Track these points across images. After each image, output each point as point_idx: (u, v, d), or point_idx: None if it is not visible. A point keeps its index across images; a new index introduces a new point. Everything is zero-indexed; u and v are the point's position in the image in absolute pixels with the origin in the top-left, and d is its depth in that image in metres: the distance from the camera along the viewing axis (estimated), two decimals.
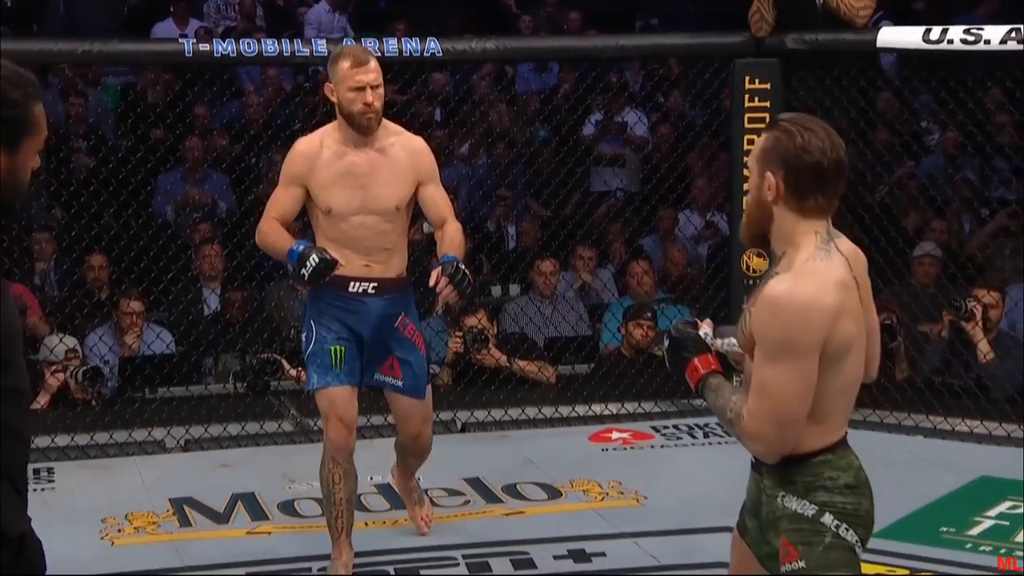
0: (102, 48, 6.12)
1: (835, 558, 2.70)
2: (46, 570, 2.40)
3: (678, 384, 6.52)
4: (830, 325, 2.59)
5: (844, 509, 2.71)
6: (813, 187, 2.63)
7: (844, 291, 2.63)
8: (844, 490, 2.71)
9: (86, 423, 5.96)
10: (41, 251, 7.43)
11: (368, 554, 4.55)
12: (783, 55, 6.30)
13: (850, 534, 2.71)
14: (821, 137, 2.64)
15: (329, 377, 4.22)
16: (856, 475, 2.75)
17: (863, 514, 2.74)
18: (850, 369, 2.68)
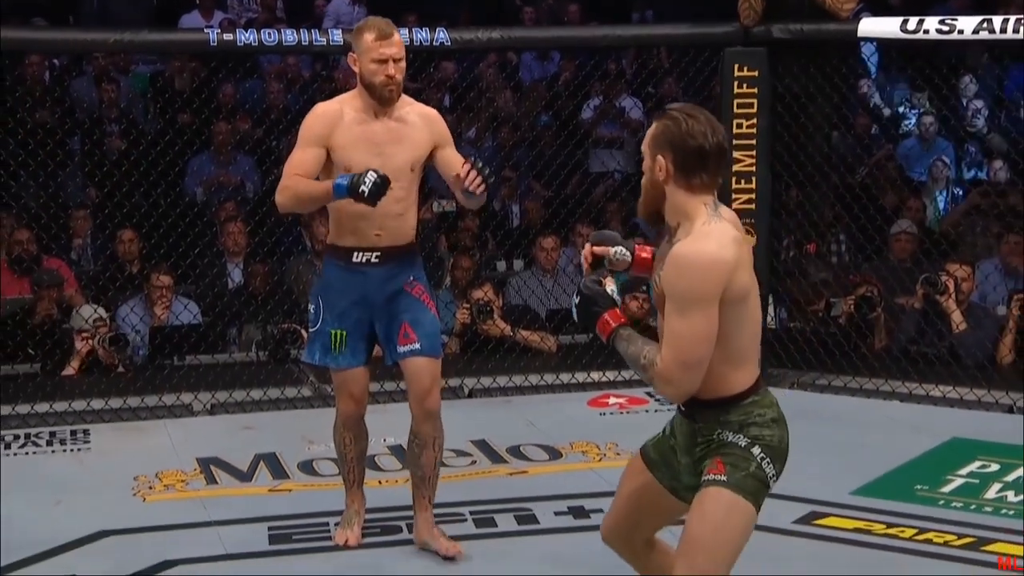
0: (133, 38, 6.11)
1: (750, 486, 2.86)
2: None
3: None
4: (729, 276, 2.76)
5: (771, 443, 2.87)
6: (698, 167, 2.80)
7: (739, 246, 2.80)
8: (771, 424, 2.88)
9: (119, 388, 5.96)
10: (78, 227, 7.42)
11: (381, 510, 4.55)
12: (770, 44, 6.28)
13: (769, 468, 2.87)
14: (703, 123, 2.81)
15: (328, 359, 4.11)
16: (778, 410, 2.91)
17: (784, 448, 2.90)
18: (753, 314, 2.86)
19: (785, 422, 2.91)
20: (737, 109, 6.29)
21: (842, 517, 4.48)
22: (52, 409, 5.77)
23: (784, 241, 6.82)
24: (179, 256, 6.68)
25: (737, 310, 2.80)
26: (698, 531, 2.88)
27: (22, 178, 7.37)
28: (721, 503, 2.86)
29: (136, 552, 4.20)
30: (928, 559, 4.13)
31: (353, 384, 4.14)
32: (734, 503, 2.85)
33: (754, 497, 2.87)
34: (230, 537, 4.35)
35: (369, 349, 4.16)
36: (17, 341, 6.25)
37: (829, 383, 6.25)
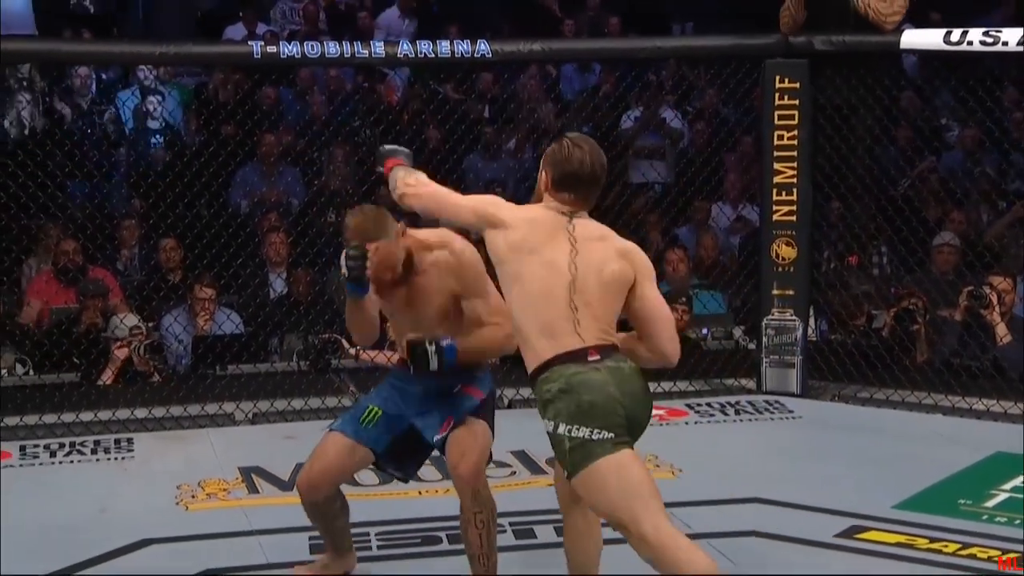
0: (178, 50, 6.15)
1: (578, 457, 3.14)
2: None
3: (711, 365, 6.53)
4: (500, 252, 3.28)
5: (568, 411, 3.15)
6: (567, 187, 3.31)
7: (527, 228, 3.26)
8: (558, 395, 3.16)
9: (163, 397, 6.02)
10: (125, 237, 7.47)
11: (421, 520, 4.56)
12: (811, 55, 6.25)
13: (581, 431, 3.14)
14: (584, 152, 3.32)
15: (347, 426, 3.83)
16: (568, 380, 3.17)
17: (585, 408, 3.14)
18: (529, 297, 3.23)
19: (587, 387, 3.15)
20: (778, 121, 6.27)
21: (884, 531, 4.43)
22: (97, 418, 5.82)
23: (825, 253, 6.79)
24: (222, 267, 6.73)
25: (507, 248, 3.26)
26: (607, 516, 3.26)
27: (69, 188, 7.45)
28: (583, 489, 3.20)
29: (179, 560, 4.22)
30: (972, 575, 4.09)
31: (330, 457, 3.80)
32: (586, 481, 3.16)
33: (591, 459, 3.13)
34: (272, 546, 4.36)
35: (388, 449, 3.85)
36: (63, 350, 6.31)
37: (871, 396, 6.21)
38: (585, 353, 3.20)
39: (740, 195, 8.21)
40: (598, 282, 3.26)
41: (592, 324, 3.24)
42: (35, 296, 6.92)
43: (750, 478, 4.98)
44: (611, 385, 3.18)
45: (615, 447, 3.14)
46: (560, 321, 3.22)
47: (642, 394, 3.27)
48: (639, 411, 3.25)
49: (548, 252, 3.25)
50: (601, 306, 3.26)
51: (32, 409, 5.82)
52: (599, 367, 3.20)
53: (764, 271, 6.37)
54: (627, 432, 3.20)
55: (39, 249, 7.26)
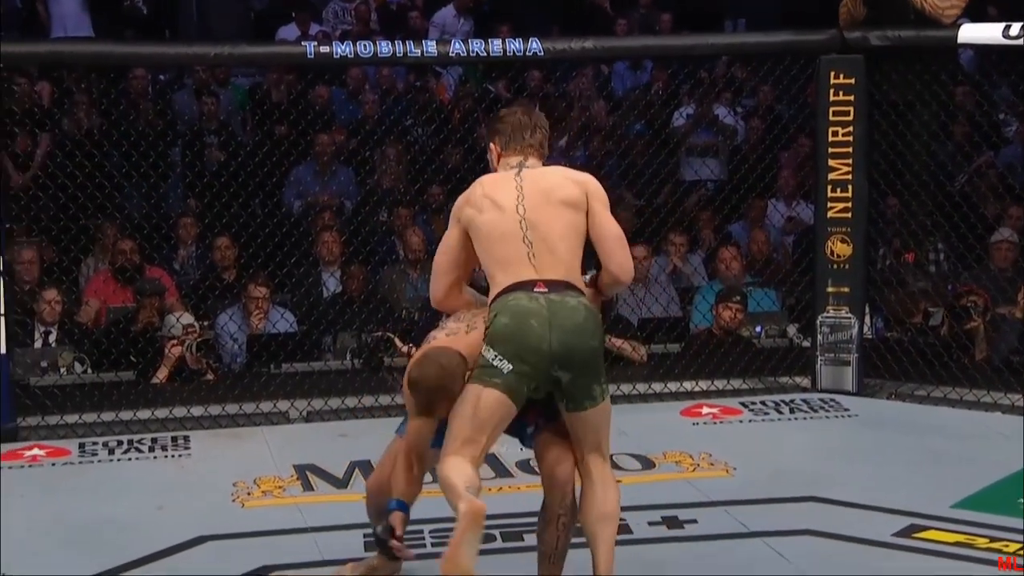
0: (232, 51, 6.19)
1: (476, 373, 3.45)
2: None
3: (765, 363, 6.49)
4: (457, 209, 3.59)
5: (490, 332, 3.43)
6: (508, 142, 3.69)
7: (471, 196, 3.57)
8: (493, 318, 3.44)
9: (218, 395, 6.06)
10: (183, 235, 7.54)
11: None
12: (867, 51, 6.19)
13: (489, 352, 3.41)
14: (510, 109, 3.79)
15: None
16: (503, 305, 3.43)
17: (499, 330, 3.41)
18: (488, 245, 3.50)
19: (509, 309, 3.40)
20: (833, 117, 6.22)
21: (943, 531, 4.39)
22: (154, 416, 5.88)
23: (881, 250, 6.73)
24: (276, 266, 6.77)
25: (477, 221, 3.51)
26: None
27: (126, 189, 7.53)
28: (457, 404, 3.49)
29: (235, 557, 4.25)
30: None
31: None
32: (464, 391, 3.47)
33: (475, 378, 3.44)
34: (327, 543, 4.38)
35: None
36: (120, 349, 6.38)
37: (928, 394, 6.14)
38: (533, 284, 3.44)
39: (794, 192, 8.15)
40: (550, 214, 3.51)
41: (547, 259, 3.47)
42: (93, 295, 7.01)
43: (805, 477, 4.94)
44: (538, 317, 3.40)
45: (492, 382, 3.40)
46: (515, 256, 3.47)
47: (579, 326, 3.43)
48: (571, 342, 3.42)
49: (499, 200, 3.53)
50: (558, 240, 3.49)
51: (90, 407, 5.89)
52: (539, 297, 3.42)
53: (819, 268, 6.32)
54: (541, 364, 3.40)
55: (97, 249, 7.34)
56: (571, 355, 3.42)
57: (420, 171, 7.75)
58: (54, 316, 6.51)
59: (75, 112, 8.01)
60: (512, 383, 3.42)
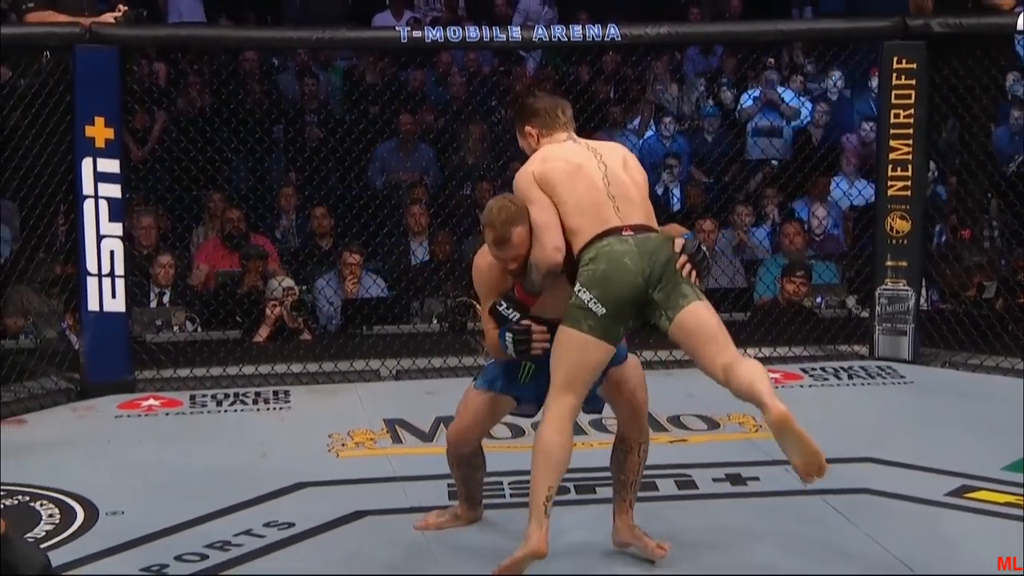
0: (333, 35, 6.24)
1: (570, 314, 3.44)
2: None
3: (825, 332, 6.41)
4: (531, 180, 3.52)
5: (586, 275, 3.42)
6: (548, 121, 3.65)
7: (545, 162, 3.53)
8: (588, 262, 3.43)
9: (315, 354, 6.13)
10: (284, 204, 7.62)
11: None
12: (928, 37, 6.07)
13: (585, 294, 3.41)
14: (533, 94, 3.80)
15: (510, 386, 3.75)
16: (598, 251, 3.42)
17: (599, 275, 3.40)
18: (567, 196, 3.47)
19: (604, 256, 3.40)
20: (895, 100, 6.11)
21: (993, 491, 4.32)
22: (258, 371, 5.96)
23: (938, 227, 6.61)
24: (369, 235, 6.82)
25: (560, 189, 3.46)
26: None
27: (233, 163, 7.62)
28: (555, 343, 3.48)
29: (331, 502, 4.31)
30: None
31: (487, 417, 3.83)
32: (560, 332, 3.46)
33: (571, 320, 3.43)
34: (414, 492, 4.42)
35: (536, 400, 3.74)
36: (227, 309, 6.48)
37: (981, 363, 6.03)
38: (620, 230, 3.45)
39: (856, 171, 8.02)
40: (623, 173, 3.54)
41: (629, 209, 3.49)
42: (203, 260, 7.11)
43: (862, 439, 4.89)
44: (630, 256, 3.40)
45: (592, 330, 3.40)
46: (603, 209, 3.47)
47: (660, 244, 3.46)
48: (656, 256, 3.42)
49: (578, 160, 3.52)
50: (636, 195, 3.53)
51: (200, 362, 5.99)
52: (628, 239, 3.44)
53: (879, 243, 6.22)
54: (638, 296, 3.40)
55: (207, 218, 7.45)
56: (657, 267, 3.41)
57: (503, 149, 7.74)
58: (168, 279, 6.62)
59: (188, 91, 8.11)
60: (608, 325, 3.41)
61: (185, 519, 4.12)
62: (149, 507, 4.25)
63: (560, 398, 3.47)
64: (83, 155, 5.55)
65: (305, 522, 4.11)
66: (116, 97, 5.65)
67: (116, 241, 5.65)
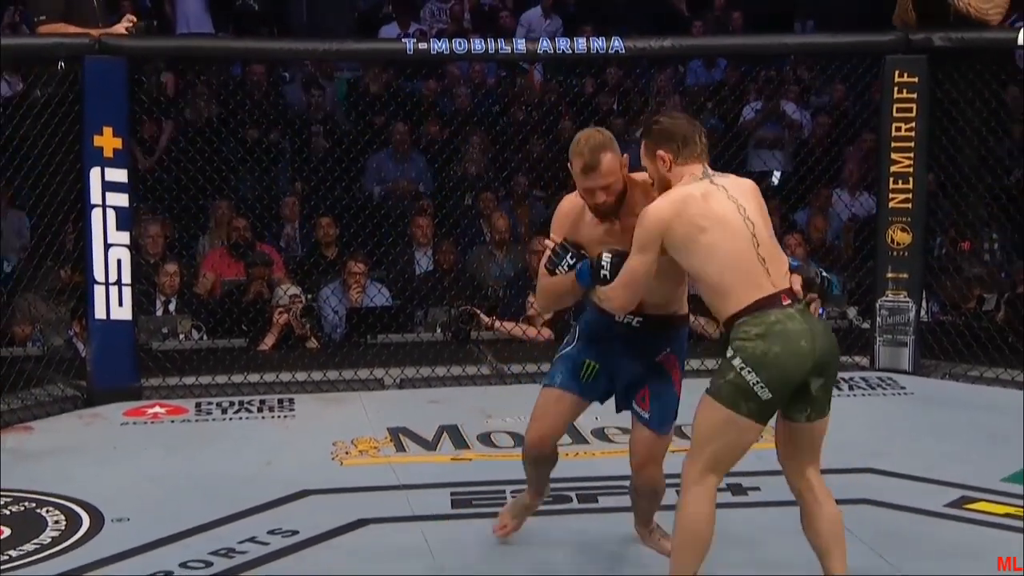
0: (340, 47, 6.26)
1: (726, 391, 3.15)
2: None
3: None
4: (662, 229, 3.20)
5: (753, 352, 3.11)
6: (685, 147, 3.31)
7: (681, 203, 3.20)
8: (754, 338, 3.12)
9: (320, 362, 6.13)
10: (288, 214, 7.62)
11: (553, 480, 4.57)
12: (930, 51, 6.07)
13: (751, 375, 3.12)
14: (669, 115, 3.40)
15: (572, 384, 3.64)
16: (768, 328, 3.13)
17: (771, 358, 3.11)
18: (717, 255, 3.17)
19: (782, 338, 3.11)
20: (896, 113, 6.11)
21: (992, 503, 4.31)
22: (263, 379, 5.95)
23: (938, 239, 6.60)
24: (373, 245, 6.82)
25: (697, 242, 3.17)
26: (694, 433, 3.27)
27: (240, 173, 7.63)
28: (700, 406, 3.22)
29: (334, 510, 4.30)
30: None
31: (558, 416, 3.69)
32: (707, 406, 3.19)
33: (730, 401, 3.14)
34: (417, 500, 4.42)
35: (601, 398, 3.73)
36: (233, 318, 6.48)
37: (981, 375, 6.02)
38: (779, 298, 3.18)
39: (858, 184, 8.02)
40: (764, 222, 3.26)
41: (776, 267, 3.22)
42: (209, 269, 7.11)
43: (863, 449, 4.88)
44: (806, 337, 3.13)
45: (752, 413, 3.14)
46: (752, 270, 3.18)
47: (830, 331, 3.24)
48: (830, 347, 3.20)
49: (722, 215, 3.20)
50: (777, 251, 3.26)
51: (206, 370, 5.98)
52: (794, 314, 3.16)
53: (880, 255, 6.22)
54: (801, 379, 3.15)
55: (213, 226, 7.45)
56: (829, 360, 3.19)
57: (507, 160, 7.75)
58: (174, 287, 6.62)
59: (196, 102, 8.11)
60: (769, 408, 3.18)
61: (190, 526, 4.12)
62: (154, 514, 4.25)
63: (705, 478, 3.23)
64: (91, 164, 5.56)
65: (309, 530, 4.11)
66: (124, 107, 5.66)
67: (123, 250, 5.65)
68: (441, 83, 8.76)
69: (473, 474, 4.72)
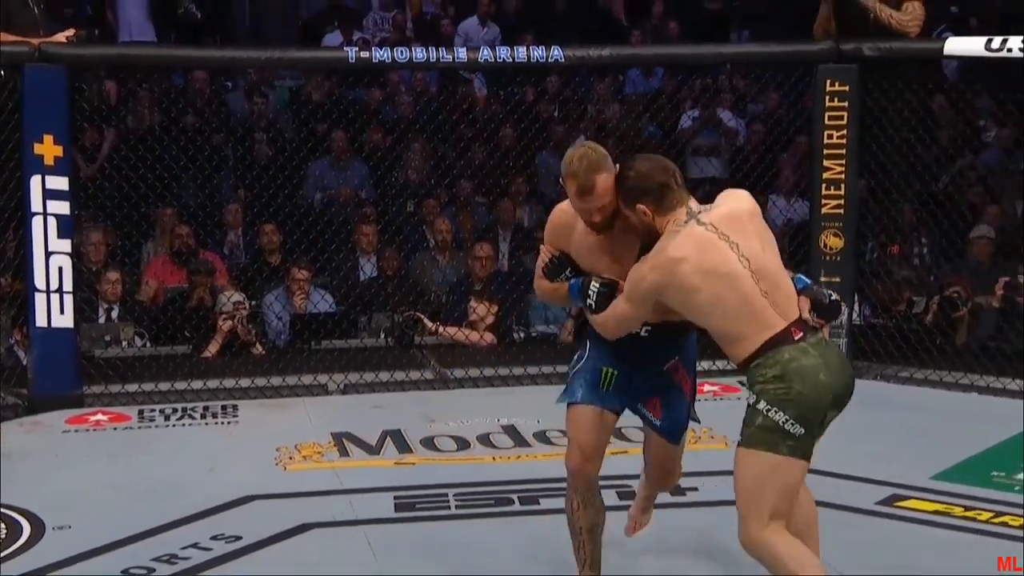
0: (282, 55, 6.23)
1: (760, 437, 3.05)
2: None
3: None
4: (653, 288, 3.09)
5: (776, 394, 3.03)
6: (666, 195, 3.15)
7: (676, 271, 3.05)
8: (772, 380, 3.04)
9: (264, 368, 6.09)
10: (231, 221, 7.55)
11: (495, 483, 4.58)
12: (860, 61, 6.15)
13: (779, 415, 3.03)
14: (643, 161, 3.21)
15: (593, 396, 3.45)
16: (784, 367, 3.04)
17: (793, 396, 3.03)
18: (724, 301, 3.05)
19: (800, 376, 3.03)
20: (828, 121, 6.18)
21: (922, 500, 4.38)
22: (206, 386, 5.90)
23: (869, 244, 6.69)
24: (317, 252, 6.78)
25: (695, 300, 3.06)
26: (736, 495, 3.11)
27: (182, 180, 7.56)
28: (739, 462, 3.10)
29: (278, 515, 4.27)
30: (1004, 541, 4.00)
31: (587, 433, 3.45)
32: (746, 458, 3.08)
33: (768, 445, 3.04)
34: (360, 504, 4.40)
35: (623, 404, 3.53)
36: (176, 325, 6.41)
37: (911, 375, 6.11)
38: (789, 333, 3.06)
39: (792, 190, 8.11)
40: (757, 245, 3.10)
41: (781, 296, 3.09)
42: (152, 276, 7.03)
43: None
44: (824, 371, 3.04)
45: (793, 450, 3.03)
46: (759, 311, 3.06)
47: (845, 361, 3.16)
48: (847, 381, 3.12)
49: (718, 267, 3.05)
50: (778, 276, 3.12)
51: (149, 377, 5.92)
52: (808, 349, 3.05)
53: (813, 259, 6.29)
54: (827, 411, 3.07)
55: (157, 234, 7.37)
56: (845, 393, 3.11)
57: (449, 167, 7.74)
58: (116, 294, 6.54)
59: (138, 109, 8.03)
60: (807, 444, 3.07)
61: (132, 533, 4.07)
62: (96, 521, 4.19)
63: (774, 529, 3.06)
64: (32, 172, 5.49)
65: (252, 535, 4.07)
66: (65, 115, 5.59)
67: (64, 257, 5.58)
68: (384, 91, 8.73)
69: (416, 478, 4.70)
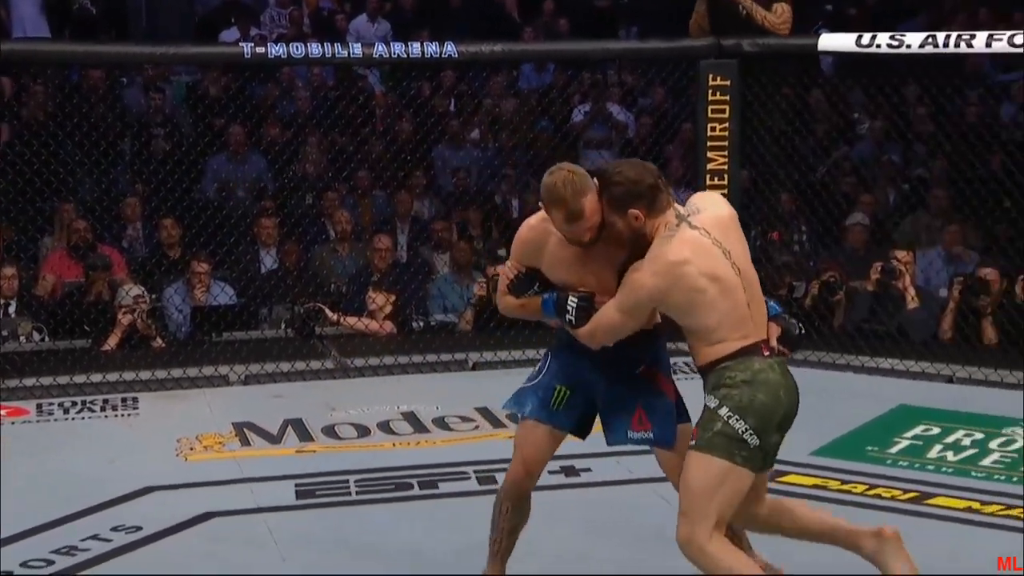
0: (178, 51, 6.13)
1: (718, 442, 2.96)
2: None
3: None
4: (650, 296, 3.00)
5: (739, 401, 2.96)
6: (653, 198, 3.05)
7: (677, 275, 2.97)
8: (740, 384, 2.97)
9: (164, 361, 6.00)
10: (129, 215, 7.40)
11: (395, 469, 4.59)
12: (741, 56, 6.28)
13: (739, 423, 2.96)
14: (629, 165, 3.11)
15: (542, 413, 3.36)
16: (754, 375, 2.98)
17: (757, 406, 2.97)
18: (713, 303, 2.97)
19: (768, 386, 2.98)
20: (711, 114, 6.30)
21: (801, 475, 4.50)
22: (105, 379, 5.79)
23: (752, 231, 6.83)
24: (217, 244, 6.69)
25: (699, 300, 2.97)
26: (681, 493, 3.05)
27: (79, 175, 7.39)
28: (691, 463, 3.01)
29: (179, 505, 4.23)
30: (877, 511, 4.14)
31: (533, 448, 3.39)
32: (700, 461, 2.99)
33: (725, 451, 2.96)
34: (261, 492, 4.38)
35: (578, 424, 3.43)
36: (74, 319, 6.28)
37: (791, 357, 6.24)
38: (760, 347, 3.03)
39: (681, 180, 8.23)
40: (743, 251, 3.08)
41: (758, 310, 3.07)
42: (50, 271, 6.88)
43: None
44: (785, 390, 3.02)
45: (746, 461, 2.98)
46: (742, 319, 3.02)
47: (796, 388, 3.10)
48: (796, 403, 3.09)
49: (715, 272, 2.99)
50: (758, 291, 3.10)
51: (47, 371, 5.80)
52: (774, 365, 3.03)
53: None
54: (775, 431, 3.02)
55: (56, 228, 7.20)
56: (791, 417, 3.07)
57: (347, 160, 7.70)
58: (12, 290, 6.38)
59: (32, 104, 7.82)
60: (759, 457, 3.01)
61: (31, 526, 4.00)
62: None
63: (716, 536, 2.99)
64: None
65: (152, 525, 4.03)
66: None
67: None
68: (280, 86, 8.64)
69: (317, 466, 4.69)
